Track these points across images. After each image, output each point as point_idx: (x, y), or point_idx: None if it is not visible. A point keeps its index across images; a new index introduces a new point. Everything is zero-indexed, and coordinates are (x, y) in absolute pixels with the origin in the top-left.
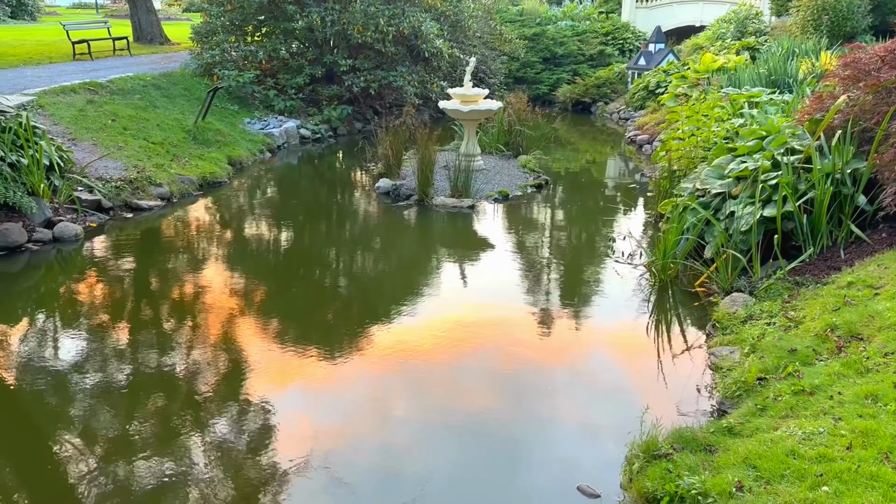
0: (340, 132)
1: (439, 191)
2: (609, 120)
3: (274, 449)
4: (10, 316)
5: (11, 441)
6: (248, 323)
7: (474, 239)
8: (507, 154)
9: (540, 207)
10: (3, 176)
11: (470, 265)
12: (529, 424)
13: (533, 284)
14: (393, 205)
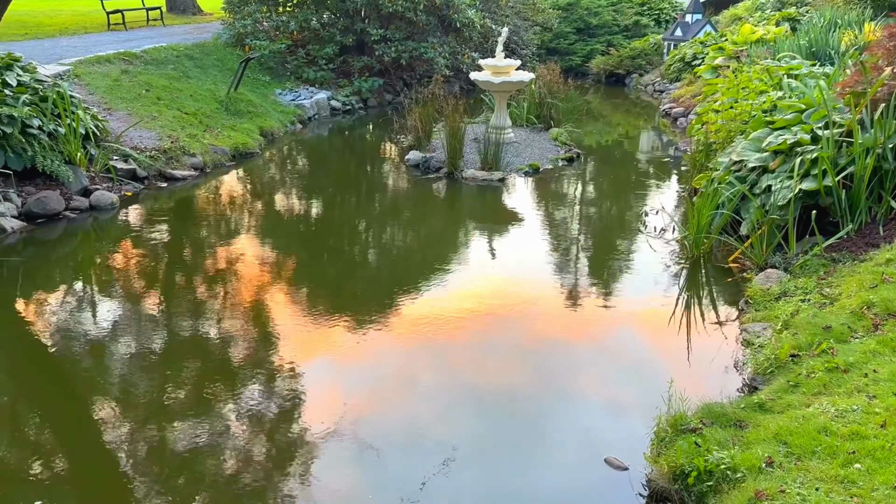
0: (370, 104)
1: (469, 163)
2: (643, 92)
3: (304, 415)
4: (48, 282)
5: (51, 404)
6: (279, 292)
7: (504, 212)
8: (538, 127)
9: (571, 181)
10: (42, 144)
11: (499, 239)
12: (555, 398)
13: (562, 259)
14: (422, 177)
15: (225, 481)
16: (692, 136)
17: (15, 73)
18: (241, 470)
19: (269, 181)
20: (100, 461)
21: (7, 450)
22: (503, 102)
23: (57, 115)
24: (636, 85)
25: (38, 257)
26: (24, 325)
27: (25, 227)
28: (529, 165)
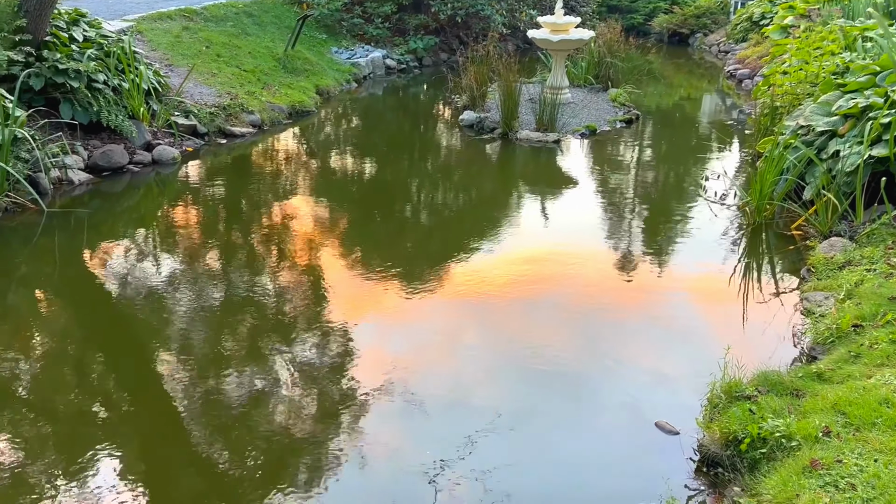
0: (426, 62)
1: (524, 124)
2: (707, 53)
3: (352, 370)
4: (113, 233)
5: (113, 349)
6: (331, 250)
7: (558, 175)
8: (597, 87)
9: (629, 143)
10: (107, 99)
11: (551, 202)
12: (604, 364)
13: (616, 223)
14: (476, 138)
15: (277, 431)
16: (757, 98)
17: (81, 29)
18: (292, 420)
19: (324, 140)
20: (158, 406)
21: (73, 392)
22: (561, 61)
23: (121, 71)
24: (700, 45)
25: (103, 209)
26: (90, 275)
27: (91, 179)
28: (586, 127)
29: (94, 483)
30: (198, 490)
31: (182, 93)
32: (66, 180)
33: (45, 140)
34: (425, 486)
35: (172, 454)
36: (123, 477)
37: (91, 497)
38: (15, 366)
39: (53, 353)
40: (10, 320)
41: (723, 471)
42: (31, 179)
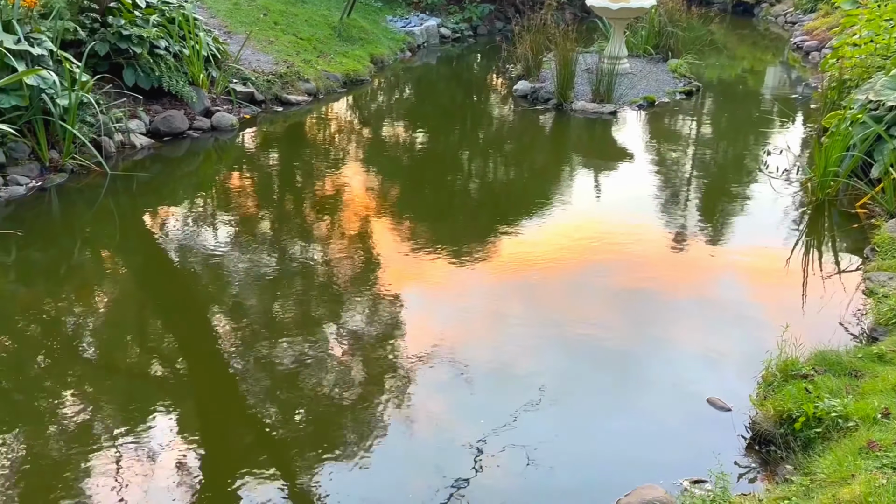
0: (480, 31)
1: (580, 95)
2: (773, 24)
3: (400, 341)
4: (173, 197)
5: (169, 313)
6: (381, 219)
7: (612, 147)
8: (656, 57)
9: (688, 116)
10: (168, 65)
11: (605, 175)
12: (653, 341)
13: (671, 198)
14: (530, 108)
15: (325, 395)
16: (825, 71)
17: None
18: (340, 385)
19: (377, 109)
20: (212, 365)
21: (132, 349)
22: (620, 30)
23: (182, 37)
24: (765, 15)
25: (164, 174)
26: (150, 236)
27: (152, 144)
28: (644, 98)
29: (151, 436)
30: (248, 447)
31: (240, 60)
32: (128, 144)
33: (110, 105)
34: (469, 456)
35: (225, 412)
36: (179, 432)
37: (148, 449)
38: (79, 322)
39: (115, 311)
40: (75, 279)
41: (775, 449)
42: (96, 143)
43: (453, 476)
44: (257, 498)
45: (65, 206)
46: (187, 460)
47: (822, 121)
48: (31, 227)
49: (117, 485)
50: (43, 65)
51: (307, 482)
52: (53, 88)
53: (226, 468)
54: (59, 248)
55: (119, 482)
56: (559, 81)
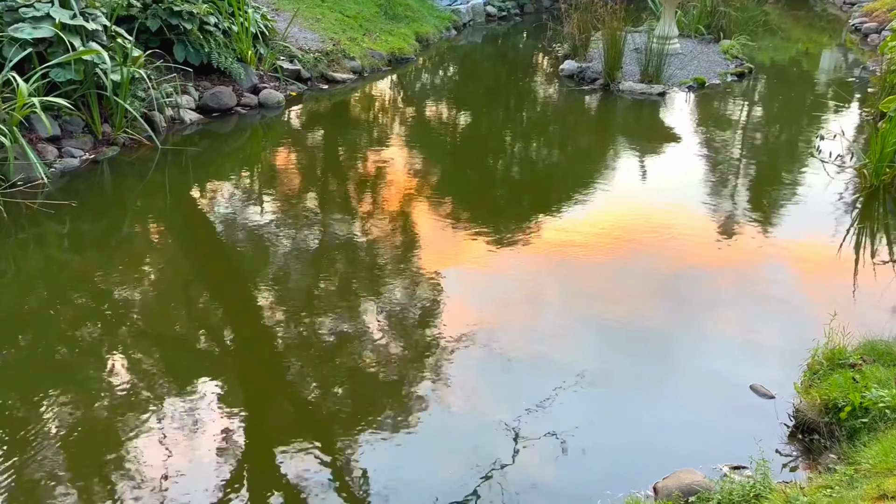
0: (527, 10)
1: (627, 75)
2: (831, 4)
3: (439, 320)
4: (220, 172)
5: (214, 285)
6: (423, 198)
7: (660, 129)
8: (708, 38)
9: (739, 99)
10: (217, 41)
11: (651, 158)
12: (696, 327)
13: (719, 183)
14: (576, 88)
15: (365, 370)
16: (884, 54)
17: None
18: (379, 362)
19: (421, 88)
20: (255, 337)
21: (178, 319)
22: (671, 10)
23: (231, 14)
24: None
25: (212, 149)
26: (198, 210)
27: (201, 119)
28: (694, 79)
29: (196, 404)
30: (289, 419)
31: (287, 37)
32: (178, 119)
33: (160, 80)
34: (506, 436)
35: (267, 384)
36: (223, 401)
37: (193, 417)
38: (128, 292)
39: (162, 282)
40: (125, 250)
41: (819, 438)
42: (147, 117)
43: (488, 456)
44: (297, 468)
45: (116, 178)
46: (230, 429)
47: (879, 105)
48: (85, 198)
49: (163, 450)
50: (97, 40)
51: (345, 456)
52: (107, 64)
53: (267, 438)
54: (111, 220)
55: (164, 447)
56: (607, 61)
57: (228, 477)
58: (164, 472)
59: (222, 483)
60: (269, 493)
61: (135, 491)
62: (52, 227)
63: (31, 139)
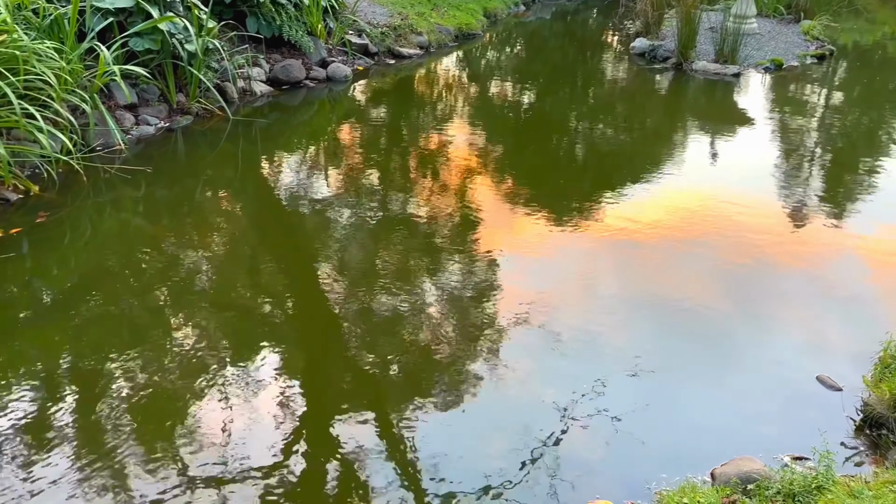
0: None
1: (702, 55)
2: None
3: (494, 299)
4: (287, 146)
5: (277, 256)
6: (483, 177)
7: (733, 112)
8: (787, 18)
9: (818, 82)
10: (288, 14)
11: (721, 142)
12: (759, 318)
13: (793, 170)
14: (647, 67)
15: (419, 346)
16: None
17: None
18: (433, 338)
19: (487, 64)
20: (314, 308)
21: (242, 287)
22: None
23: None
24: None
25: (281, 121)
26: (265, 181)
27: (271, 91)
28: (771, 61)
29: (257, 370)
30: (345, 390)
31: (356, 11)
32: (248, 91)
33: (233, 52)
34: (557, 416)
35: (325, 353)
36: (282, 367)
37: (253, 382)
38: (196, 258)
39: (228, 249)
40: (195, 216)
41: (887, 433)
42: (220, 88)
43: (539, 435)
44: (351, 435)
45: (189, 147)
46: (289, 395)
47: None
48: (159, 164)
49: (224, 411)
50: (174, 10)
51: (397, 427)
52: (183, 34)
53: (324, 405)
54: (183, 187)
55: (226, 409)
56: (680, 39)
57: (286, 440)
58: (225, 433)
59: (280, 446)
60: (324, 458)
61: (196, 450)
62: (127, 192)
63: (110, 106)
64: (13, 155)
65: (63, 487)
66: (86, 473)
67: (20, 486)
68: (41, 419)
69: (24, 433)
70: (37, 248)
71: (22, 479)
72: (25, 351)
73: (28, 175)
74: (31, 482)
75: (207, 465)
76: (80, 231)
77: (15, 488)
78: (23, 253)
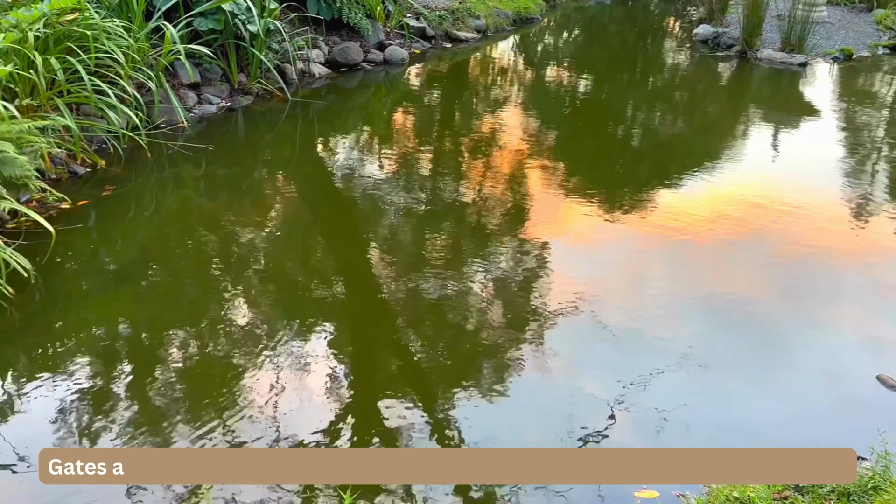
0: None
1: (767, 43)
2: None
3: (542, 287)
4: (343, 128)
5: (330, 237)
6: (535, 165)
7: (798, 103)
8: (859, 6)
9: (889, 73)
10: None
11: (784, 134)
12: (814, 316)
13: (857, 165)
14: (710, 54)
15: (466, 331)
16: None
17: None
18: (480, 323)
19: (545, 50)
20: (364, 290)
21: (294, 266)
22: None
23: None
24: None
25: (338, 104)
26: (320, 162)
27: (329, 73)
28: (840, 50)
29: (307, 348)
30: (391, 370)
31: None
32: (307, 73)
33: (293, 33)
34: (602, 407)
35: (373, 335)
36: (331, 347)
37: (303, 359)
38: (251, 235)
39: (283, 229)
40: (252, 195)
41: None
42: (280, 69)
43: (582, 425)
44: (396, 414)
45: (249, 126)
46: (337, 375)
47: None
48: (219, 143)
49: (274, 385)
50: None
51: (442, 409)
52: (245, 14)
53: (370, 383)
54: (242, 166)
55: (275, 384)
56: (745, 26)
57: (333, 415)
58: (273, 406)
59: (326, 421)
60: (368, 435)
61: (245, 421)
62: (188, 169)
63: (174, 85)
64: (82, 130)
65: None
66: (138, 438)
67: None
68: (100, 383)
69: (84, 396)
70: (102, 220)
71: (78, 439)
72: (89, 317)
73: (95, 150)
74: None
75: (255, 436)
76: (144, 205)
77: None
78: (89, 224)
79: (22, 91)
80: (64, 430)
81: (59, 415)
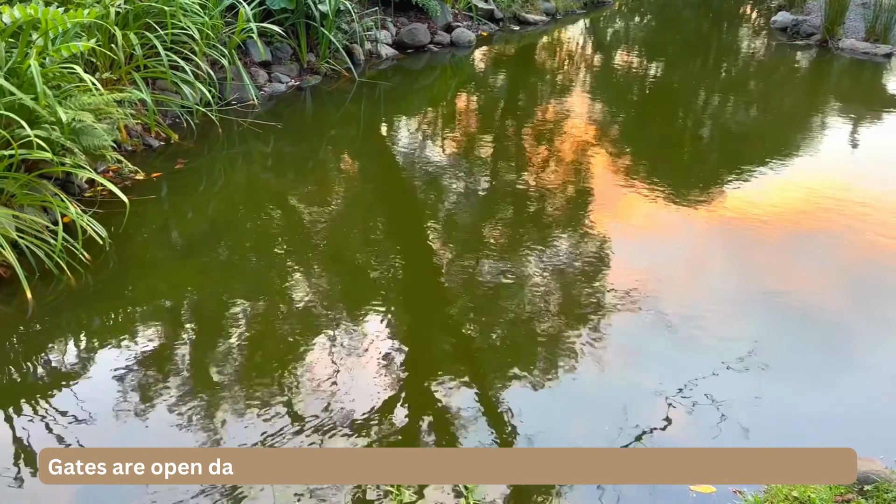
0: None
1: (850, 32)
2: None
3: (603, 275)
4: (409, 110)
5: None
6: (600, 152)
7: (881, 96)
8: None
9: None
10: None
11: (864, 128)
12: (878, 321)
13: None
14: (788, 43)
15: (523, 316)
16: None
17: None
18: (538, 310)
19: (615, 34)
20: (421, 272)
21: (354, 245)
22: None
23: None
24: None
25: (404, 85)
26: (384, 143)
27: (396, 55)
28: None
29: (363, 327)
30: (446, 353)
31: None
32: (375, 53)
33: (362, 14)
34: (659, 401)
35: (429, 317)
36: (387, 327)
37: (359, 337)
38: (314, 213)
39: (345, 208)
40: (317, 173)
41: None
42: (348, 50)
43: (638, 418)
44: (448, 398)
45: (316, 106)
46: (392, 354)
47: None
48: (288, 121)
49: (330, 363)
50: None
51: (495, 395)
52: None
53: (424, 366)
54: (309, 144)
55: (331, 361)
56: (827, 14)
57: (387, 394)
58: (330, 382)
59: (381, 399)
60: (420, 418)
61: (301, 395)
62: (258, 146)
63: (246, 62)
64: (157, 104)
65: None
66: (196, 408)
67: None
68: (162, 351)
69: (146, 364)
70: (174, 192)
71: (138, 407)
72: (157, 286)
73: (169, 124)
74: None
75: (311, 411)
76: (214, 180)
77: (130, 414)
78: (161, 196)
79: (102, 65)
80: (126, 391)
81: (123, 379)
